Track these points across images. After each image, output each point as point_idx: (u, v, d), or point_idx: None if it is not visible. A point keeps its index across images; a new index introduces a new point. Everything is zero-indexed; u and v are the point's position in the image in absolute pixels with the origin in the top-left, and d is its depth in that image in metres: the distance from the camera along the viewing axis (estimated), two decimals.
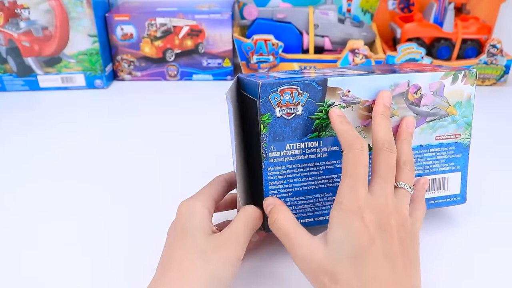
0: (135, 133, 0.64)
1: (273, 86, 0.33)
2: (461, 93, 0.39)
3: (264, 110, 0.33)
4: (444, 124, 0.39)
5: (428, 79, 0.37)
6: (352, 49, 0.78)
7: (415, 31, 0.82)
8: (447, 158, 0.40)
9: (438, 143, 0.39)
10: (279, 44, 0.79)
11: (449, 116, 0.39)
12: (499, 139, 0.62)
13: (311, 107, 0.34)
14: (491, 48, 0.78)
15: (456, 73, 0.39)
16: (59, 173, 0.54)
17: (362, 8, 0.86)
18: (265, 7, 0.81)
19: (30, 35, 0.75)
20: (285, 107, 0.34)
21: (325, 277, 0.29)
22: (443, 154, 0.40)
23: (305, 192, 0.36)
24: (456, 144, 0.40)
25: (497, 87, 0.81)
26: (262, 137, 0.34)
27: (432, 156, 0.39)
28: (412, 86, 0.37)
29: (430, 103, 0.38)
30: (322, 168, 0.36)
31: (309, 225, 0.36)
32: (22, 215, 0.46)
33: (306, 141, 0.35)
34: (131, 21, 0.79)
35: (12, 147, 0.60)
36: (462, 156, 0.41)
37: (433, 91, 0.38)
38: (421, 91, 0.37)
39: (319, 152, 0.36)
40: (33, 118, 0.69)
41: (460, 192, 0.41)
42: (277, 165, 0.35)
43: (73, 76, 0.79)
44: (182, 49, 0.81)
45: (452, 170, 0.40)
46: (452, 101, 0.39)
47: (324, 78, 0.34)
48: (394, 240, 0.30)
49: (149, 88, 0.81)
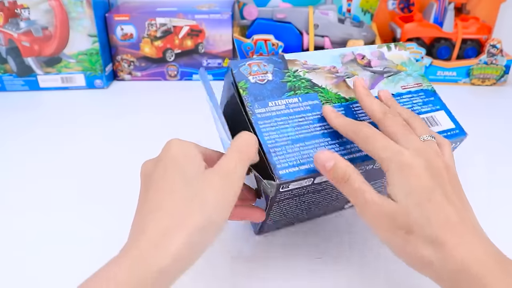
0: (135, 133, 0.64)
1: (242, 62, 0.39)
2: (401, 56, 0.46)
3: (238, 78, 0.38)
4: (402, 77, 0.44)
5: (369, 49, 0.45)
6: None
7: (415, 31, 0.82)
8: (423, 101, 0.43)
9: (406, 91, 0.43)
10: (279, 44, 0.79)
11: (401, 72, 0.44)
12: (499, 139, 0.62)
13: (279, 74, 0.40)
14: (491, 48, 0.78)
15: (388, 44, 0.46)
16: (59, 173, 0.54)
17: (362, 8, 0.86)
18: (265, 7, 0.81)
19: (30, 35, 0.75)
20: (256, 75, 0.39)
21: (400, 230, 0.30)
22: (417, 98, 0.43)
23: (303, 139, 0.36)
24: (423, 90, 0.44)
25: (497, 87, 0.81)
26: (245, 99, 0.37)
27: (408, 101, 0.42)
28: (357, 54, 0.44)
29: (379, 65, 0.44)
30: (310, 118, 0.38)
31: (310, 172, 0.35)
32: (22, 214, 0.46)
33: (285, 98, 0.38)
34: (131, 21, 0.79)
35: (12, 147, 0.60)
36: (435, 98, 0.44)
37: (376, 57, 0.44)
38: (367, 57, 0.44)
39: (302, 106, 0.38)
40: (33, 118, 0.69)
41: (455, 126, 0.42)
42: (266, 119, 0.37)
43: (73, 76, 0.79)
44: (182, 49, 0.81)
45: (434, 110, 0.42)
46: (397, 62, 0.45)
47: (282, 54, 0.41)
48: (447, 183, 0.31)
49: (149, 88, 0.81)
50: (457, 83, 0.82)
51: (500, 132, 0.64)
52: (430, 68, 0.81)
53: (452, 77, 0.81)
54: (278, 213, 0.39)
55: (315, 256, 0.41)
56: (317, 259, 0.41)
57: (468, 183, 0.52)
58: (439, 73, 0.81)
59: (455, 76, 0.81)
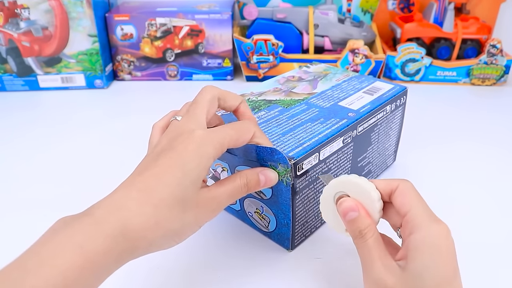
0: (135, 133, 0.64)
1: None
2: (320, 67, 0.56)
3: None
4: (331, 76, 0.53)
5: (293, 72, 0.55)
6: (352, 49, 0.78)
7: (415, 31, 0.82)
8: (359, 81, 0.51)
9: (342, 81, 0.51)
10: (279, 44, 0.79)
11: (328, 74, 0.54)
12: (499, 139, 0.62)
13: None
14: (491, 48, 0.78)
15: (306, 64, 0.57)
16: (59, 172, 0.54)
17: (362, 8, 0.86)
18: (265, 7, 0.81)
19: (30, 35, 0.75)
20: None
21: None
22: (354, 81, 0.52)
23: (289, 131, 0.40)
24: (353, 77, 0.53)
25: (497, 87, 0.81)
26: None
27: (348, 85, 0.50)
28: (288, 76, 0.53)
29: (308, 76, 0.53)
30: (284, 118, 0.43)
31: (312, 147, 0.38)
32: (22, 214, 0.46)
33: (254, 114, 0.44)
34: (131, 21, 0.79)
35: (12, 147, 0.60)
36: (366, 77, 0.53)
37: (303, 73, 0.54)
38: (296, 75, 0.53)
39: (271, 114, 0.44)
40: (33, 118, 0.69)
41: (394, 86, 0.50)
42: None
43: (73, 76, 0.79)
44: (182, 49, 0.81)
45: (371, 83, 0.51)
46: (320, 70, 0.55)
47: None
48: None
49: (149, 88, 0.81)
50: (457, 83, 0.82)
51: (500, 132, 0.64)
52: (430, 68, 0.81)
53: (452, 77, 0.81)
54: (301, 209, 0.39)
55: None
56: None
57: (468, 183, 0.52)
58: (439, 73, 0.81)
59: (455, 76, 0.81)
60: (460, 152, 0.59)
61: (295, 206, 0.38)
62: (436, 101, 0.75)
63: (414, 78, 0.82)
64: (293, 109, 0.44)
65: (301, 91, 0.49)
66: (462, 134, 0.63)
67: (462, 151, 0.59)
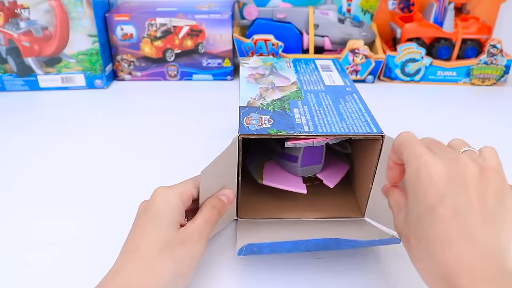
0: (135, 133, 0.64)
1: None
2: (264, 65, 0.58)
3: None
4: (279, 66, 0.57)
5: (246, 72, 0.56)
6: (352, 49, 0.78)
7: (415, 31, 0.82)
8: (305, 62, 0.59)
9: (294, 67, 0.57)
10: (279, 44, 0.79)
11: (273, 65, 0.57)
12: (499, 139, 0.62)
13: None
14: (491, 48, 0.78)
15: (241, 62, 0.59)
16: (59, 172, 0.54)
17: (362, 8, 0.86)
18: (265, 7, 0.81)
19: (30, 35, 0.75)
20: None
21: (403, 238, 0.31)
22: (302, 64, 0.58)
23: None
24: (295, 60, 0.60)
25: (497, 87, 0.81)
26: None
27: (305, 68, 0.56)
28: (255, 73, 0.54)
29: (263, 71, 0.55)
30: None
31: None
32: (22, 214, 0.46)
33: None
34: (131, 21, 0.79)
35: (12, 147, 0.60)
36: (304, 60, 0.60)
37: (255, 69, 0.56)
38: (256, 73, 0.55)
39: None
40: (33, 118, 0.69)
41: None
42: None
43: (73, 76, 0.79)
44: (182, 49, 0.81)
45: (313, 60, 0.60)
46: (265, 62, 0.59)
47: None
48: (470, 193, 0.26)
49: (149, 88, 0.81)
50: (457, 83, 0.82)
51: (500, 132, 0.64)
52: (430, 68, 0.81)
53: (452, 77, 0.81)
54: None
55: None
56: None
57: None
58: (439, 73, 0.81)
59: (455, 76, 0.81)
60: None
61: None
62: (436, 101, 0.75)
63: (414, 78, 0.82)
64: (307, 100, 0.46)
65: (284, 84, 0.51)
66: (462, 134, 0.63)
67: None
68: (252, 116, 0.42)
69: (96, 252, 0.41)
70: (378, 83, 0.83)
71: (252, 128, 0.40)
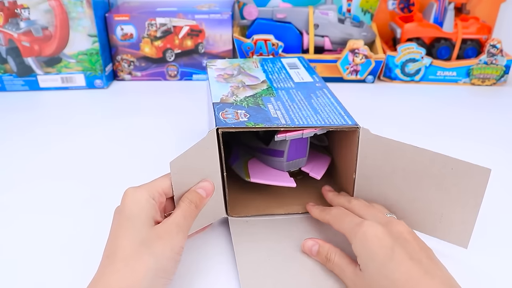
0: (135, 133, 0.64)
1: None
2: (231, 66, 0.57)
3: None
4: (246, 66, 0.56)
5: (220, 69, 0.56)
6: (352, 49, 0.78)
7: (415, 31, 0.82)
8: (272, 61, 0.59)
9: (262, 66, 0.56)
10: (279, 44, 0.79)
11: (241, 65, 0.57)
12: (499, 139, 0.62)
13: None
14: (491, 48, 0.78)
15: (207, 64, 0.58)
16: (58, 172, 0.54)
17: (362, 8, 0.86)
18: (265, 7, 0.81)
19: (30, 35, 0.75)
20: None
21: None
22: (269, 63, 0.58)
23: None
24: (263, 59, 0.60)
25: (497, 87, 0.81)
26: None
27: (272, 67, 0.56)
28: (222, 74, 0.54)
29: (231, 71, 0.55)
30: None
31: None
32: (22, 214, 0.46)
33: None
34: (131, 21, 0.79)
35: (12, 147, 0.60)
36: (271, 60, 0.59)
37: (223, 69, 0.56)
38: (225, 74, 0.55)
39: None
40: (33, 118, 0.69)
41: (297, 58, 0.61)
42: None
43: (73, 76, 0.79)
44: (182, 49, 0.81)
45: (279, 59, 0.60)
46: (233, 63, 0.58)
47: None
48: (412, 242, 0.33)
49: (149, 88, 0.81)
50: (457, 83, 0.82)
51: (500, 132, 0.64)
52: (430, 68, 0.81)
53: (452, 77, 0.81)
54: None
55: None
56: None
57: None
58: (439, 73, 0.81)
59: (455, 76, 0.81)
60: (460, 152, 0.59)
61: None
62: (436, 101, 0.75)
63: (414, 78, 0.82)
64: (279, 96, 0.47)
65: (254, 83, 0.51)
66: (462, 134, 0.63)
67: (462, 151, 0.59)
68: (228, 111, 0.43)
69: (94, 252, 0.41)
70: (378, 83, 0.83)
71: (229, 121, 0.40)
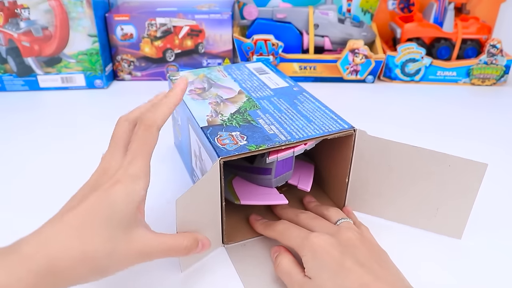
0: None
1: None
2: (198, 76, 0.54)
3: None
4: (213, 77, 0.53)
5: (194, 84, 0.52)
6: (352, 49, 0.78)
7: (415, 31, 0.82)
8: (239, 68, 0.56)
9: (230, 75, 0.54)
10: (279, 44, 0.79)
11: (208, 76, 0.54)
12: (499, 139, 0.62)
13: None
14: (491, 48, 0.78)
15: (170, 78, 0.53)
16: (58, 173, 0.54)
17: (362, 8, 0.86)
18: (265, 7, 0.81)
19: (30, 35, 0.75)
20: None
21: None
22: (235, 70, 0.55)
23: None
24: (226, 66, 0.57)
25: (497, 87, 0.81)
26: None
27: (240, 75, 0.54)
28: (194, 88, 0.51)
29: (201, 85, 0.51)
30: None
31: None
32: (22, 214, 0.46)
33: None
34: (131, 21, 0.79)
35: (12, 147, 0.60)
36: (236, 66, 0.57)
37: (199, 83, 0.52)
38: (195, 88, 0.52)
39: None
40: (33, 118, 0.69)
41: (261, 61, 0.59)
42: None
43: (73, 76, 0.79)
44: (182, 49, 0.81)
45: (243, 64, 0.58)
46: (199, 73, 0.55)
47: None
48: (361, 249, 0.34)
49: (149, 88, 0.81)
50: (457, 83, 0.82)
51: (500, 132, 0.64)
52: (430, 68, 0.81)
53: (452, 77, 0.81)
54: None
55: None
56: None
57: None
58: (439, 73, 0.81)
59: (455, 76, 0.81)
60: (460, 152, 0.59)
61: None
62: (436, 101, 0.75)
63: (414, 78, 0.82)
64: (264, 108, 0.45)
65: (231, 95, 0.48)
66: (462, 134, 0.63)
67: (462, 151, 0.59)
68: (222, 136, 0.39)
69: None
70: (378, 83, 0.83)
71: (229, 148, 0.37)
